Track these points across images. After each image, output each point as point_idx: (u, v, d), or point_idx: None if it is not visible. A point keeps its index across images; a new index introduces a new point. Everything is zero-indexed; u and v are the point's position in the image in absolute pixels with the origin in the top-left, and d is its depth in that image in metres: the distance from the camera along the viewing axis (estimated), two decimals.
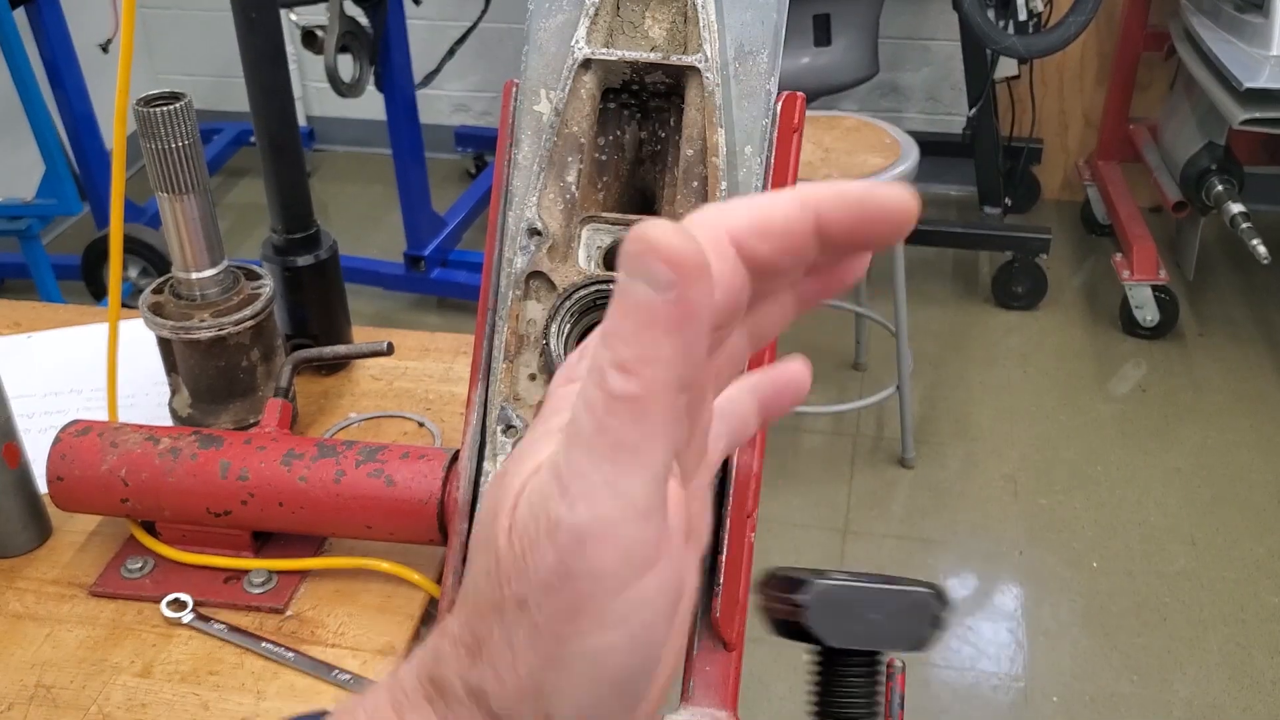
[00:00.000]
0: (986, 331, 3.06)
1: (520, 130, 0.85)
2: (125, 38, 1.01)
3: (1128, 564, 2.32)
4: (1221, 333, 3.01)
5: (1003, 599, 2.27)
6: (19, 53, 2.66)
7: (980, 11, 2.70)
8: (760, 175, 0.83)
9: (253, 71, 1.19)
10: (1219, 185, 2.79)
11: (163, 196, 1.04)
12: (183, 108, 1.00)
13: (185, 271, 1.08)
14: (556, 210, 0.83)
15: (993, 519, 2.44)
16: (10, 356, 1.32)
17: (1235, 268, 3.26)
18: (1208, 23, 2.76)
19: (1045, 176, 3.63)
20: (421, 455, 0.93)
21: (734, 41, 0.83)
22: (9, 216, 2.89)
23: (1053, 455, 2.62)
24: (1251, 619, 2.19)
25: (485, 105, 3.99)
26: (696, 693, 0.84)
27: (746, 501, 0.82)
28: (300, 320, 1.27)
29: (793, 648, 0.53)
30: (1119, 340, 3.00)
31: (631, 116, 0.89)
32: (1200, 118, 2.91)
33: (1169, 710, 2.02)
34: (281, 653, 1.00)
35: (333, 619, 1.04)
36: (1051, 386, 2.84)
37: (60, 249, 3.47)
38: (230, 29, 1.16)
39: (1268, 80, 2.45)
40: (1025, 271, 3.10)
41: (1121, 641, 2.15)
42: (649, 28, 0.86)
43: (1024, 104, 3.43)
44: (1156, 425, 2.70)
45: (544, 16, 0.85)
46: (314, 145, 4.15)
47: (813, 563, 2.34)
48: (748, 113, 0.83)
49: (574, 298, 0.82)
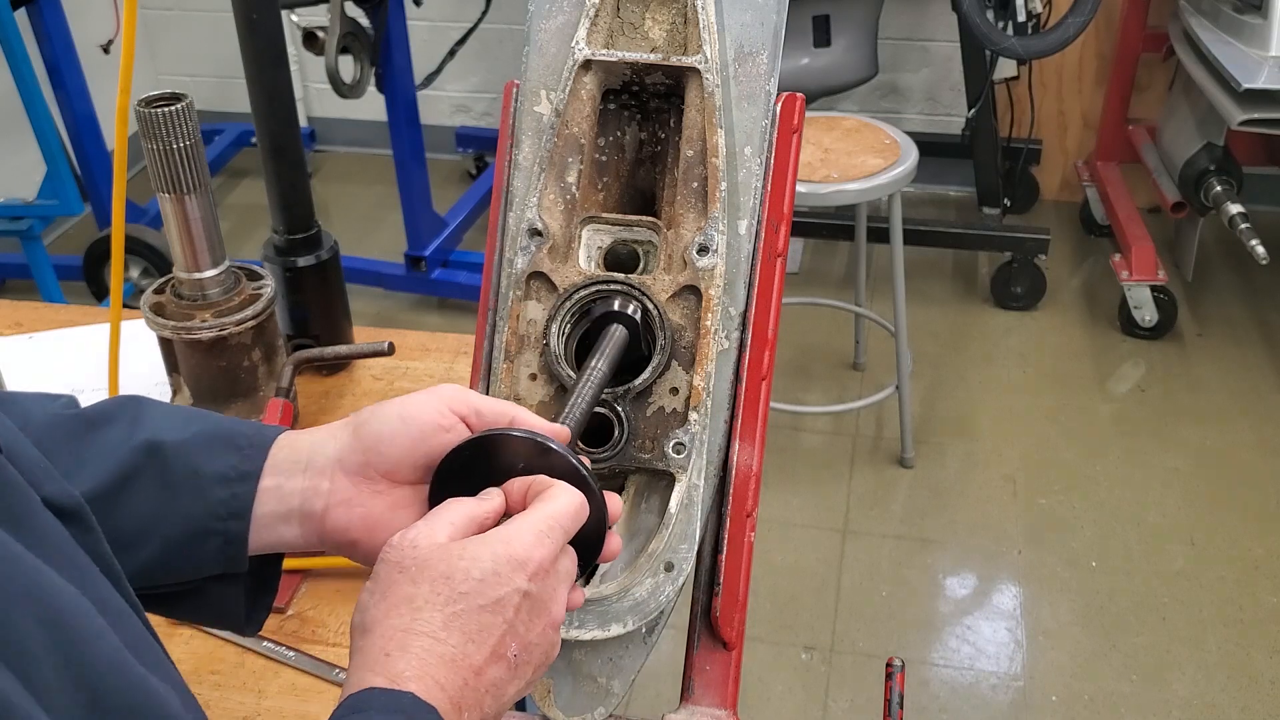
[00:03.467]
0: (985, 332, 3.07)
1: (521, 131, 0.85)
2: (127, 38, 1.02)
3: (1126, 563, 2.32)
4: (1220, 333, 3.02)
5: (1002, 598, 2.27)
6: (20, 53, 2.67)
7: (979, 13, 2.70)
8: (760, 176, 0.83)
9: (254, 72, 1.19)
10: (1218, 186, 2.80)
11: (164, 197, 1.04)
12: (184, 108, 1.01)
13: (187, 272, 1.08)
14: (557, 211, 0.84)
15: (992, 519, 2.45)
16: (12, 356, 1.32)
17: (1234, 268, 3.26)
18: (1206, 24, 2.76)
19: (1044, 177, 3.64)
20: None
21: (734, 43, 0.84)
22: (11, 217, 2.90)
23: (1052, 455, 2.62)
24: (1250, 619, 2.19)
25: (486, 106, 4.00)
26: (696, 692, 0.84)
27: (746, 501, 0.82)
28: (301, 320, 1.27)
29: (793, 647, 0.53)
30: (1118, 340, 3.00)
31: (631, 117, 0.89)
32: (1199, 118, 2.91)
33: (1167, 709, 2.02)
34: (282, 652, 1.01)
35: (334, 618, 1.04)
36: (1050, 387, 2.85)
37: (62, 249, 3.47)
38: (232, 30, 1.17)
39: (1266, 81, 2.45)
40: (1024, 272, 3.10)
41: (1120, 641, 2.15)
42: (649, 29, 0.87)
43: (1023, 105, 3.43)
44: (1155, 425, 2.70)
45: (544, 18, 0.86)
46: (315, 146, 4.15)
47: (813, 563, 2.34)
48: (747, 114, 0.83)
49: (574, 298, 0.82)
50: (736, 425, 0.82)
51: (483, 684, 0.58)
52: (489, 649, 0.58)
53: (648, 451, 0.81)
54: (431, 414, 0.66)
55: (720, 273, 0.81)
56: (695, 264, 0.81)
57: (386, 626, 0.57)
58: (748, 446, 0.82)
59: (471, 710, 0.57)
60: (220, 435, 0.67)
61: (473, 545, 0.59)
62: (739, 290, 0.82)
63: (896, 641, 2.15)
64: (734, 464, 0.82)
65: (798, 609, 2.22)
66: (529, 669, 0.61)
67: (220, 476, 0.65)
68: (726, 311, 0.81)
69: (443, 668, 0.56)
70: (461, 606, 0.57)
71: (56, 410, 0.67)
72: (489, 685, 0.58)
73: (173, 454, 0.65)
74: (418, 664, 0.55)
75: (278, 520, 0.67)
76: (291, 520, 0.67)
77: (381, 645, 0.56)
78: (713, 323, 0.80)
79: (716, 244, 0.81)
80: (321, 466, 0.67)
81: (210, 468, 0.65)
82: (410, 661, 0.55)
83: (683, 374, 0.81)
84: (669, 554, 0.80)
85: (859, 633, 2.17)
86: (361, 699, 0.54)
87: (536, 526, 0.61)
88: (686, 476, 0.80)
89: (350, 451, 0.67)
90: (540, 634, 0.61)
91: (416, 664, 0.55)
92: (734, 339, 0.82)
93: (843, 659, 2.11)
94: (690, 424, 0.80)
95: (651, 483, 0.83)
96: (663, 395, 0.81)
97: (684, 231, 0.82)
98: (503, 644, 0.58)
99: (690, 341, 0.81)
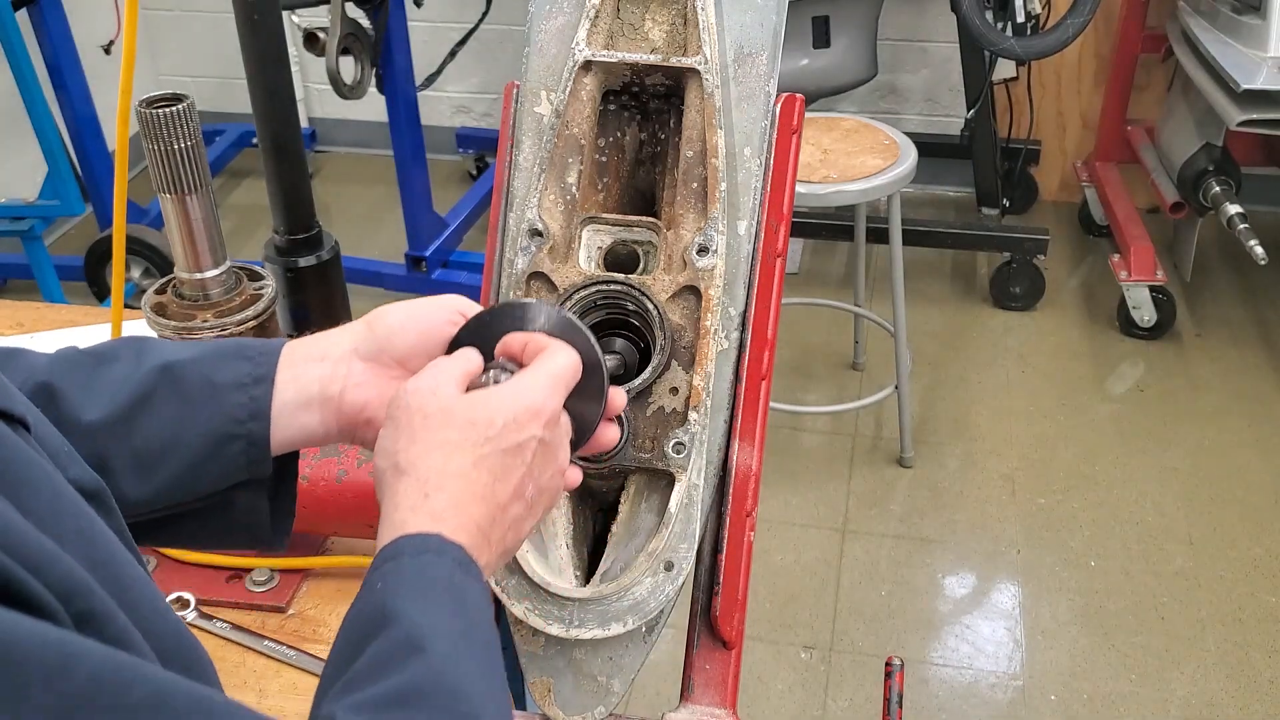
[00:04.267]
0: (984, 332, 3.07)
1: (521, 132, 0.85)
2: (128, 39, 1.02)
3: (1125, 563, 2.32)
4: (1219, 333, 3.02)
5: (1000, 598, 2.27)
6: (21, 54, 2.67)
7: (978, 14, 2.71)
8: (759, 176, 0.84)
9: (255, 73, 1.20)
10: (1216, 186, 2.80)
11: (165, 197, 1.05)
12: (185, 109, 1.01)
13: (188, 272, 1.09)
14: (557, 211, 0.84)
15: (991, 518, 2.45)
16: None
17: (1232, 268, 3.27)
18: (1205, 24, 2.76)
19: (1043, 178, 3.64)
20: None
21: (733, 44, 0.84)
22: (12, 217, 2.90)
23: (1050, 455, 2.62)
24: (1249, 618, 2.19)
25: (486, 107, 4.00)
26: (696, 691, 0.84)
27: (746, 501, 0.82)
28: (302, 320, 1.28)
29: (792, 646, 0.54)
30: (1116, 340, 3.01)
31: (631, 118, 0.90)
32: (1198, 119, 2.91)
33: (1166, 709, 2.02)
34: (284, 651, 1.01)
35: (334, 618, 1.05)
36: (1049, 386, 2.85)
37: (63, 250, 3.47)
38: (233, 30, 1.17)
39: (1265, 82, 2.45)
40: (1023, 272, 3.10)
41: (1119, 640, 2.15)
42: (649, 30, 0.87)
43: (1022, 105, 3.43)
44: (1154, 425, 2.71)
45: (545, 19, 0.86)
46: (316, 147, 4.15)
47: (812, 563, 2.35)
48: (747, 114, 0.83)
49: (574, 298, 0.82)
50: (736, 425, 0.82)
51: (507, 519, 0.64)
52: (512, 488, 0.64)
53: (648, 451, 0.81)
54: (439, 311, 0.73)
55: (720, 273, 0.81)
56: (695, 264, 0.81)
57: (424, 468, 0.62)
58: (747, 446, 0.82)
59: (497, 543, 0.64)
60: (228, 349, 0.71)
61: (494, 396, 0.65)
62: (739, 290, 0.82)
63: (896, 641, 2.16)
64: (734, 464, 0.82)
65: (797, 608, 2.23)
66: (540, 509, 0.68)
67: (236, 383, 0.69)
68: (726, 311, 0.82)
69: (475, 504, 0.62)
70: (488, 450, 0.63)
71: (60, 352, 0.70)
72: (512, 521, 0.65)
73: (186, 370, 0.68)
74: (454, 501, 0.61)
75: (298, 409, 0.70)
76: (312, 406, 0.71)
77: (420, 486, 0.62)
78: (712, 323, 0.80)
79: (716, 244, 0.81)
80: (338, 356, 0.72)
81: (224, 377, 0.69)
82: (447, 500, 0.61)
83: (682, 374, 0.81)
84: (669, 553, 0.80)
85: (858, 632, 2.18)
86: (393, 548, 0.60)
87: (545, 380, 0.66)
88: (686, 476, 0.80)
89: (365, 341, 0.72)
90: (550, 478, 0.67)
91: (453, 501, 0.61)
92: (734, 339, 0.82)
93: (842, 658, 2.12)
94: (690, 424, 0.80)
95: (651, 482, 0.83)
96: (663, 395, 0.81)
97: (684, 232, 0.82)
98: (522, 485, 0.65)
99: (690, 341, 0.81)
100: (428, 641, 0.54)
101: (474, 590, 0.59)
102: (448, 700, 0.53)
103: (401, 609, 0.56)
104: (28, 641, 0.38)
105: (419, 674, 0.53)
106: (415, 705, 0.52)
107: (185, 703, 0.42)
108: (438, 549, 0.59)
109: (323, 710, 0.52)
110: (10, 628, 0.37)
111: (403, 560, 0.59)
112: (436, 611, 0.56)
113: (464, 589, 0.59)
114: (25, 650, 0.37)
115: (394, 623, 0.55)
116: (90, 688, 0.39)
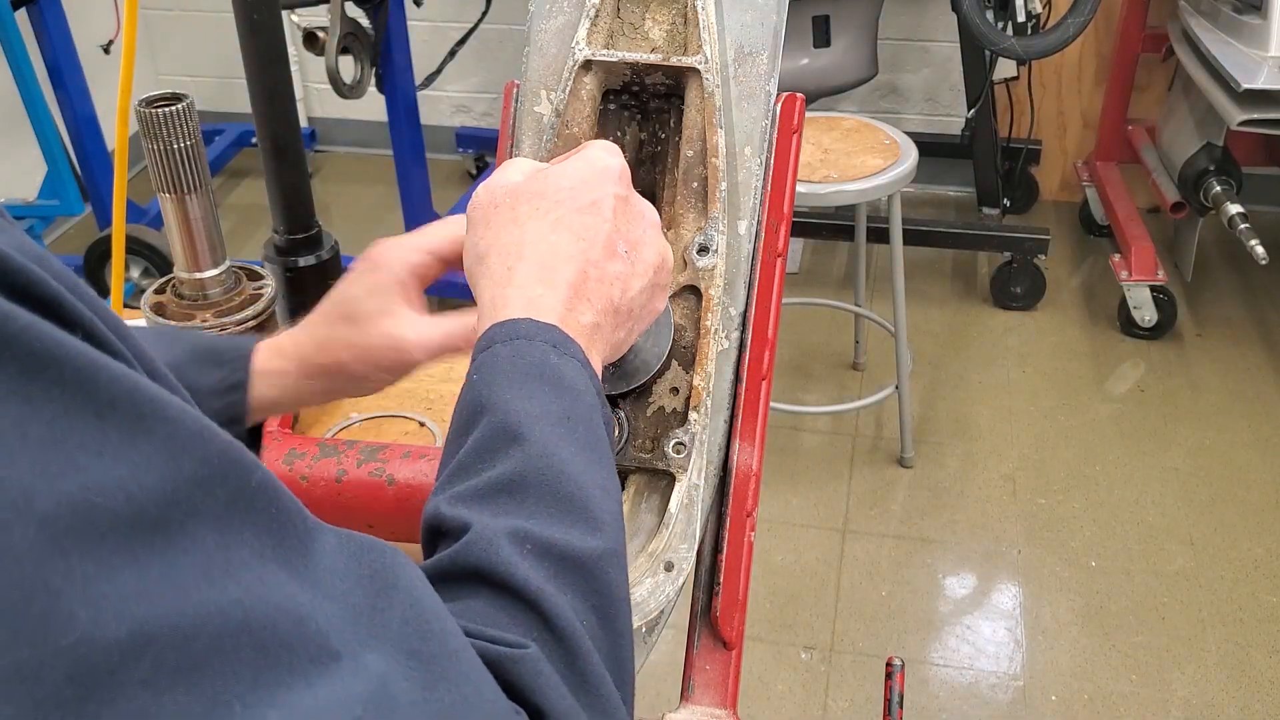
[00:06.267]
0: (985, 332, 3.07)
1: (521, 131, 0.85)
2: (128, 39, 1.02)
3: (1126, 563, 2.32)
4: (1219, 333, 3.02)
5: (1001, 598, 2.27)
6: (21, 54, 2.67)
7: (979, 13, 2.71)
8: (760, 176, 0.83)
9: (255, 73, 1.19)
10: (1217, 186, 2.80)
11: (165, 197, 1.05)
12: (185, 109, 1.01)
13: (187, 272, 1.08)
14: None
15: (991, 518, 2.45)
16: None
17: (1233, 268, 3.27)
18: (1206, 24, 2.76)
19: (1043, 177, 3.64)
20: (422, 455, 0.93)
21: (734, 43, 0.84)
22: (11, 217, 2.90)
23: (1051, 455, 2.62)
24: (1249, 618, 2.19)
25: (486, 106, 4.00)
26: (696, 692, 0.84)
27: (746, 501, 0.82)
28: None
29: (792, 647, 0.54)
30: (1117, 340, 3.01)
31: (632, 118, 0.89)
32: (1198, 119, 2.91)
33: (1167, 709, 2.02)
34: None
35: None
36: (1050, 386, 2.85)
37: (62, 249, 3.47)
38: (233, 30, 1.17)
39: (1266, 81, 2.45)
40: (1024, 272, 3.10)
41: (1120, 641, 2.15)
42: (649, 29, 0.87)
43: (1022, 105, 3.43)
44: (1154, 425, 2.71)
45: (545, 18, 0.86)
46: (315, 146, 4.15)
47: (812, 563, 2.34)
48: (747, 114, 0.83)
49: None
50: (736, 425, 0.82)
51: (606, 275, 0.62)
52: (600, 245, 0.62)
53: (648, 451, 0.81)
54: (388, 251, 0.75)
55: (720, 273, 0.81)
56: (695, 264, 0.81)
57: (500, 247, 0.62)
58: (748, 446, 0.82)
59: (596, 299, 0.61)
60: (201, 351, 0.72)
61: (557, 167, 0.64)
62: (739, 290, 0.82)
63: (896, 641, 2.16)
64: (734, 464, 0.82)
65: (797, 609, 2.23)
66: (646, 266, 0.65)
67: (212, 390, 0.70)
68: (726, 311, 0.81)
69: (562, 264, 0.61)
70: (561, 212, 0.62)
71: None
72: (613, 277, 0.62)
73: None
74: (539, 263, 0.60)
75: (272, 407, 0.73)
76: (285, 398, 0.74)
77: (502, 261, 0.61)
78: (713, 322, 0.80)
79: (716, 244, 0.81)
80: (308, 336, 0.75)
81: (202, 384, 0.70)
82: (531, 265, 0.60)
83: (683, 374, 0.81)
84: (669, 554, 0.80)
85: (859, 632, 2.18)
86: (485, 338, 0.59)
87: (609, 146, 0.66)
88: (686, 476, 0.80)
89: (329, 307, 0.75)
90: (643, 232, 0.65)
91: (538, 264, 0.60)
92: (734, 339, 0.82)
93: (842, 658, 2.11)
94: (690, 424, 0.80)
95: (651, 483, 0.83)
96: (663, 395, 0.81)
97: (684, 231, 0.82)
98: (611, 240, 0.62)
99: (690, 341, 0.81)
100: (524, 428, 0.53)
101: (570, 369, 0.58)
102: (552, 483, 0.52)
103: (497, 398, 0.55)
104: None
105: (519, 460, 0.52)
106: (515, 492, 0.51)
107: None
108: (528, 333, 0.58)
109: (429, 504, 0.52)
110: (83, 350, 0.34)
111: (495, 349, 0.57)
112: (532, 396, 0.55)
113: (559, 370, 0.57)
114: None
115: (490, 412, 0.54)
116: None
